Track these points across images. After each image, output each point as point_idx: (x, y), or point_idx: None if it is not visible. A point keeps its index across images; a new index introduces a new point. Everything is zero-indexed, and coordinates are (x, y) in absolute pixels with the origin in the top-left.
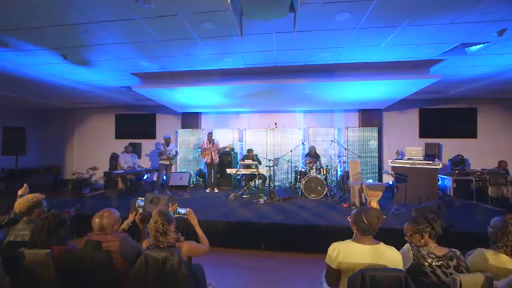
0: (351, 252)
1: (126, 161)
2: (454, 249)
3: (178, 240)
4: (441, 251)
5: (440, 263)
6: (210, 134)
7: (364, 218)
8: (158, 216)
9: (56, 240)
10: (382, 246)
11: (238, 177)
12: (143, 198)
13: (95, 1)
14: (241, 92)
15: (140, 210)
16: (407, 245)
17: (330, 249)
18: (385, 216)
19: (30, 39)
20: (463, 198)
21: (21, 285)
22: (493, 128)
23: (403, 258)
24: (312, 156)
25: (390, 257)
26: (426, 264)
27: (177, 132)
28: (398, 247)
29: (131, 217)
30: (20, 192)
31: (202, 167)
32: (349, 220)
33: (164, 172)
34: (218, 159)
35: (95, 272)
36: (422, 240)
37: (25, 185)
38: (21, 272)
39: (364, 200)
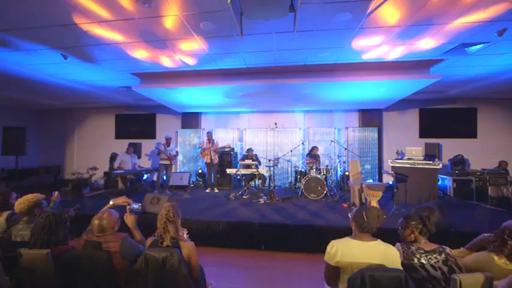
0: (349, 249)
1: (123, 161)
2: (443, 246)
3: (183, 239)
4: (430, 246)
5: (428, 257)
6: (209, 134)
7: (364, 215)
8: (170, 207)
9: (55, 240)
10: (379, 243)
11: (238, 177)
12: (139, 204)
13: (95, 1)
14: (241, 91)
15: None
16: (397, 244)
17: (328, 247)
18: (384, 217)
19: (30, 39)
20: (463, 198)
21: (21, 285)
22: (493, 128)
23: None
24: (312, 156)
25: (387, 254)
26: (415, 259)
27: (177, 132)
28: None
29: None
30: (53, 198)
31: (202, 167)
32: (350, 216)
33: (164, 172)
34: (217, 159)
35: (95, 272)
36: (413, 236)
37: (56, 192)
38: (21, 272)
39: (364, 200)
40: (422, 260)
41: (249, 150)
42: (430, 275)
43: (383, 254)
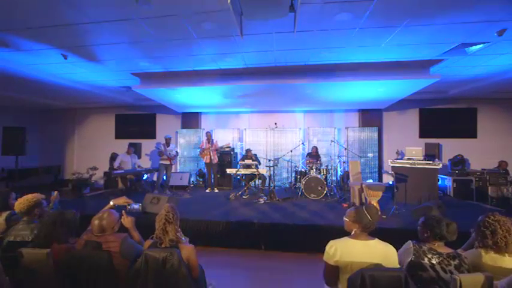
0: (348, 249)
1: (123, 162)
2: (459, 252)
3: (182, 242)
4: (444, 249)
5: (440, 259)
6: (209, 134)
7: (366, 214)
8: (170, 208)
9: (57, 237)
10: (377, 242)
11: (238, 177)
12: (139, 204)
13: (95, 1)
14: (241, 91)
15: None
16: (409, 241)
17: (327, 247)
18: (384, 217)
19: (30, 39)
20: (463, 198)
21: (22, 285)
22: (493, 128)
23: (405, 253)
24: (313, 156)
25: (386, 253)
26: (426, 259)
27: (177, 132)
28: (398, 247)
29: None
30: (52, 198)
31: (202, 167)
32: (347, 219)
33: (164, 172)
34: (217, 159)
35: (95, 272)
36: (426, 235)
37: (56, 192)
38: (22, 271)
39: (364, 200)
40: (433, 261)
41: (248, 150)
42: (439, 276)
43: (382, 253)
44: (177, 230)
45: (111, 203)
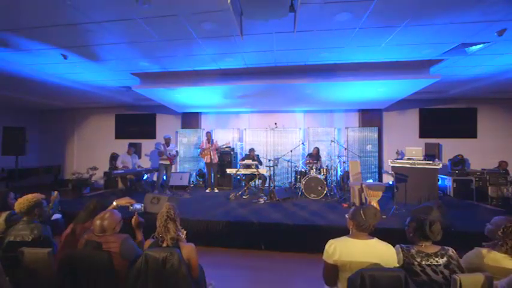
0: (347, 248)
1: (123, 161)
2: (446, 247)
3: (182, 240)
4: (432, 249)
5: (429, 261)
6: (209, 134)
7: (361, 213)
8: (170, 206)
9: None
10: (377, 242)
11: (238, 177)
12: (141, 204)
13: (95, 1)
14: (241, 92)
15: (136, 210)
16: (397, 246)
17: (327, 246)
18: (384, 217)
19: (30, 39)
20: (463, 198)
21: (22, 285)
22: (493, 128)
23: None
24: (313, 156)
25: (383, 251)
26: (416, 263)
27: (177, 132)
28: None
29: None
30: (52, 198)
31: (202, 167)
32: (347, 217)
33: (164, 172)
34: (217, 159)
35: (95, 272)
36: (411, 235)
37: (56, 192)
38: (22, 271)
39: (364, 200)
40: (423, 263)
41: (251, 150)
42: (431, 279)
43: (381, 252)
44: (178, 228)
45: (114, 203)
